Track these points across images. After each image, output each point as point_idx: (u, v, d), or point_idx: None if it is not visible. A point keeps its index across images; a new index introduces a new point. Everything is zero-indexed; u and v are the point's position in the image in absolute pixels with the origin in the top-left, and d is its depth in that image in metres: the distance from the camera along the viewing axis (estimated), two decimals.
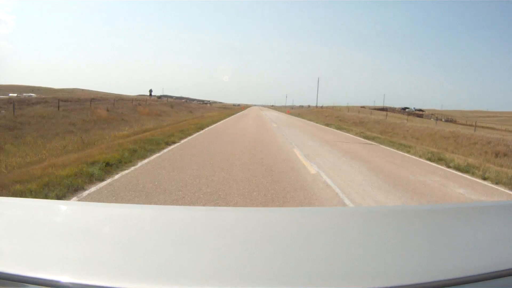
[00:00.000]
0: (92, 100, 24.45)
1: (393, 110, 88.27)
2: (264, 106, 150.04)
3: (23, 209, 0.99)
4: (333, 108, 60.46)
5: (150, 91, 46.17)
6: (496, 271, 0.62)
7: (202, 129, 14.12)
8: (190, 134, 11.69)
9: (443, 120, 65.36)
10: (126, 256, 0.68)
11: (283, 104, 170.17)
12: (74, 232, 0.82)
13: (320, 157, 8.06)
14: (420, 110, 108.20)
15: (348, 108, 61.58)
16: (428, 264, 0.67)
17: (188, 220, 0.94)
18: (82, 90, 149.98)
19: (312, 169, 6.47)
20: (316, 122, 27.29)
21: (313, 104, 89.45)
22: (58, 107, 18.18)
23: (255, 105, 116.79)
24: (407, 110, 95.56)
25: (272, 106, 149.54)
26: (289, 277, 0.61)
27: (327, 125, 23.99)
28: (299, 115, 45.78)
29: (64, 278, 0.57)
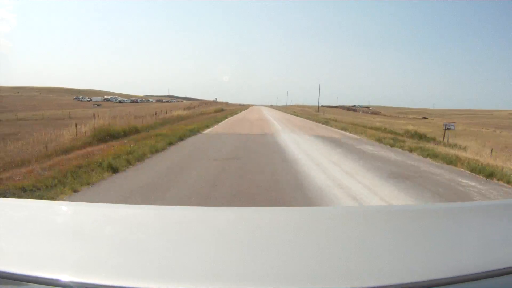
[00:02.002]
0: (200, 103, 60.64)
1: (342, 107, 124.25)
2: (262, 105, 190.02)
3: (23, 210, 1.01)
4: (294, 105, 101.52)
5: (216, 98, 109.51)
6: (494, 270, 0.63)
7: (247, 108, 61.64)
8: (245, 109, 56.72)
9: (369, 112, 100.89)
10: (126, 255, 0.69)
11: (274, 103, 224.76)
12: (74, 232, 0.83)
13: (268, 112, 49.20)
14: (366, 107, 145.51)
15: (306, 106, 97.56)
16: (427, 263, 0.68)
17: (187, 221, 0.95)
18: (100, 91, 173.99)
19: (265, 111, 48.26)
20: (275, 109, 74.78)
21: (294, 103, 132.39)
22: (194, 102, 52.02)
23: (255, 105, 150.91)
24: (353, 107, 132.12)
25: (271, 105, 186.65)
26: (289, 277, 0.61)
27: (277, 109, 70.85)
28: (276, 109, 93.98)
29: (64, 277, 0.57)
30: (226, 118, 25.73)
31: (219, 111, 38.83)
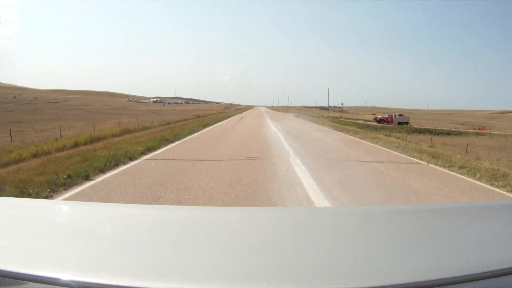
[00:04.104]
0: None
1: (320, 107, 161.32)
2: (262, 106, 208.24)
3: (23, 209, 1.02)
4: (281, 106, 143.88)
5: (233, 101, 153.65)
6: (495, 270, 0.63)
7: (253, 108, 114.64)
8: (253, 107, 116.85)
9: (338, 111, 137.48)
10: (126, 255, 0.70)
11: (273, 105, 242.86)
12: (74, 232, 0.83)
13: (261, 108, 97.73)
14: (339, 107, 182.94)
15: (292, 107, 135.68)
16: (428, 263, 0.68)
17: (188, 220, 0.96)
18: (114, 93, 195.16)
19: (261, 107, 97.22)
20: (267, 108, 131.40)
21: (293, 104, 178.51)
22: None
23: (257, 105, 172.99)
24: (328, 107, 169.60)
25: (272, 106, 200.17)
26: (289, 277, 0.61)
27: (268, 108, 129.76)
28: (268, 108, 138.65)
29: (64, 276, 0.57)
30: (254, 107, 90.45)
31: (249, 107, 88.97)
